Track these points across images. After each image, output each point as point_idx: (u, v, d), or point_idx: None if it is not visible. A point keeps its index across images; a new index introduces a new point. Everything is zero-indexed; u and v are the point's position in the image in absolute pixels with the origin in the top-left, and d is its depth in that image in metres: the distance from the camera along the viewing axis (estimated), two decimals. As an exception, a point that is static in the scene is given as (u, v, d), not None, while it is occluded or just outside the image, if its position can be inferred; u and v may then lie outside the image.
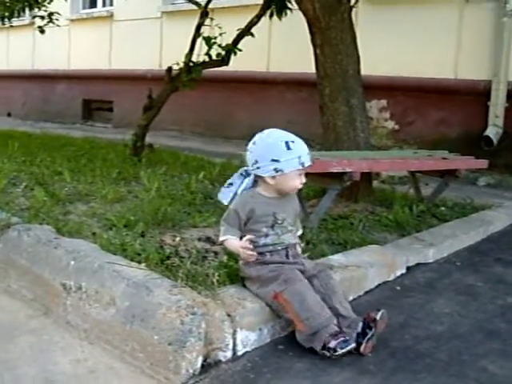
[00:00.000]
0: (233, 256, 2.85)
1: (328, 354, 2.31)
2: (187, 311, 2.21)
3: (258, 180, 2.56)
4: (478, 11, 7.34)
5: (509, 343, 2.58)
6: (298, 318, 2.36)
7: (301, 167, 2.49)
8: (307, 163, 2.50)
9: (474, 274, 3.49)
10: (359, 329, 2.38)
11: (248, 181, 2.57)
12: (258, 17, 5.98)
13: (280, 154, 2.43)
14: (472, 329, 2.72)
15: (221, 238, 2.57)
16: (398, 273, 3.36)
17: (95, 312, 2.43)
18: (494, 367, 2.36)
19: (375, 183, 5.34)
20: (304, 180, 2.56)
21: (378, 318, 2.43)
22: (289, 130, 2.54)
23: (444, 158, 4.66)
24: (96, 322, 2.41)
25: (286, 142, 2.46)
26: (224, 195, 2.59)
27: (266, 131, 2.53)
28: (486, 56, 7.22)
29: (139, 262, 2.72)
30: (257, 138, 2.51)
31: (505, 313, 2.94)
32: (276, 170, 2.44)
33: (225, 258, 2.92)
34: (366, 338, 2.36)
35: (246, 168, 2.57)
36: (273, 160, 2.43)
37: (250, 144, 2.52)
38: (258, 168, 2.47)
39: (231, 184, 2.57)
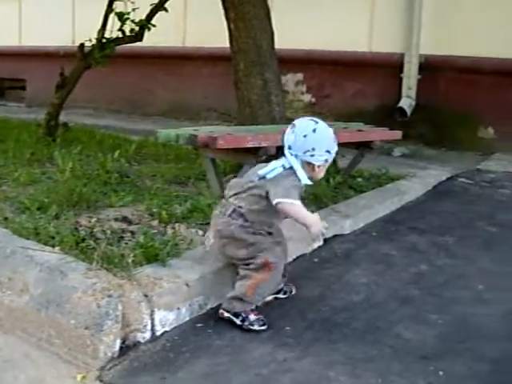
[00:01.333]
0: (149, 236, 2.84)
1: (238, 322, 2.44)
2: (103, 294, 2.19)
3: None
4: (390, -16, 7.45)
5: (422, 309, 2.68)
6: (255, 289, 2.46)
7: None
8: None
9: (389, 244, 3.59)
10: (280, 286, 2.72)
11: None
12: (172, -9, 5.89)
13: (332, 146, 2.56)
14: (387, 297, 2.80)
15: (292, 201, 2.43)
16: (315, 245, 3.41)
17: (8, 299, 2.37)
18: (407, 333, 2.45)
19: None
20: None
21: (293, 291, 2.78)
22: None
23: (359, 130, 4.74)
24: (10, 309, 2.35)
25: (334, 135, 2.59)
26: (304, 179, 2.49)
27: (319, 121, 2.56)
28: (398, 29, 7.34)
29: (53, 246, 2.67)
30: (315, 126, 2.51)
31: (418, 280, 3.04)
32: (326, 160, 2.55)
33: (141, 237, 2.88)
34: (275, 297, 2.70)
35: (293, 152, 2.51)
36: (327, 151, 2.53)
37: (305, 130, 2.49)
38: (312, 156, 2.50)
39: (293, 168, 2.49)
